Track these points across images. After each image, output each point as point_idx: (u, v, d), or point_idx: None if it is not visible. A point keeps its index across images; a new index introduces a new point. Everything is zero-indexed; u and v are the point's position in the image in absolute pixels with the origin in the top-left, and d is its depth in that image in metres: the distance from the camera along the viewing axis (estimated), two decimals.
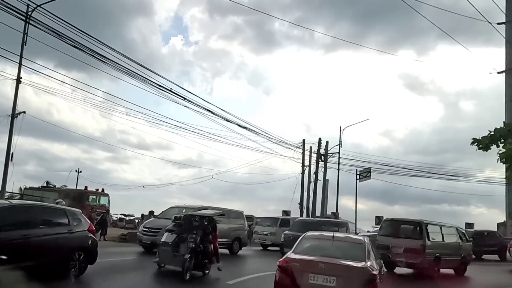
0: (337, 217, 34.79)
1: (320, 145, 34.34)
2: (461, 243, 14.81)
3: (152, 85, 17.19)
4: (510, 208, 34.51)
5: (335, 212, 34.74)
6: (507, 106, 37.22)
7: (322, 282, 6.49)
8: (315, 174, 34.43)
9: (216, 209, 16.71)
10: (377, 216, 34.36)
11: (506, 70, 38.60)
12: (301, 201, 33.97)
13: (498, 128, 10.80)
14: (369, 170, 35.26)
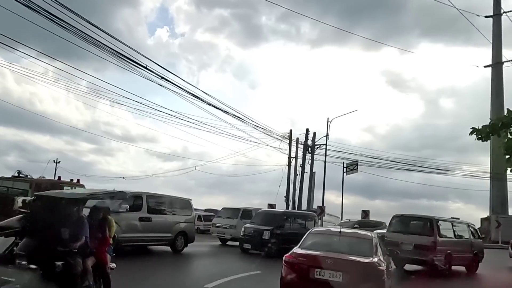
0: (323, 211, 34.87)
1: (308, 136, 33.87)
2: (473, 239, 14.80)
3: (127, 61, 15.64)
4: (494, 203, 35.63)
5: (321, 205, 34.80)
6: (493, 99, 38.17)
7: (328, 277, 6.49)
8: (301, 166, 34.17)
9: (161, 198, 14.71)
10: (363, 210, 34.67)
11: (493, 64, 39.70)
12: (287, 194, 33.57)
13: (500, 116, 10.51)
14: (356, 162, 35.26)
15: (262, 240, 15.74)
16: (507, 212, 34.54)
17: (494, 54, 39.51)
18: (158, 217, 13.87)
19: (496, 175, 35.35)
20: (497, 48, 39.64)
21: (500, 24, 40.28)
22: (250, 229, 16.52)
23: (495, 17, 40.36)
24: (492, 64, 39.20)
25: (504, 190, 35.93)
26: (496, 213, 33.70)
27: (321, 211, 34.58)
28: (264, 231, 16.02)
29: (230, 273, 10.56)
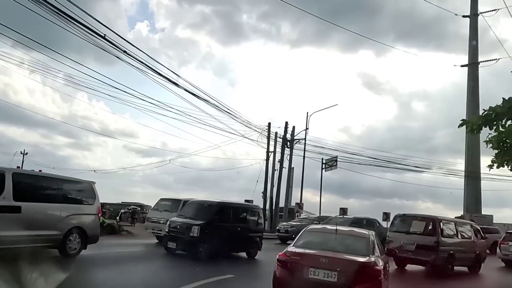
0: (301, 208, 34.97)
1: (287, 130, 33.61)
2: (475, 240, 14.95)
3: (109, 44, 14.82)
4: (468, 202, 36.88)
5: (299, 202, 34.83)
6: (469, 98, 39.32)
7: (323, 277, 6.39)
8: (280, 161, 33.96)
9: (40, 178, 10.68)
10: (341, 208, 35.07)
11: (469, 63, 40.96)
12: (265, 190, 33.25)
13: (494, 106, 9.94)
14: (335, 159, 35.56)
15: (190, 238, 12.52)
16: (481, 211, 35.86)
17: (471, 54, 40.71)
18: (34, 207, 9.69)
19: (470, 174, 36.66)
20: (473, 48, 40.92)
21: (476, 24, 41.53)
22: (176, 223, 13.33)
23: (471, 17, 41.61)
24: (468, 63, 40.38)
25: (478, 189, 37.26)
26: (470, 212, 34.87)
27: (299, 208, 34.83)
28: (192, 226, 12.71)
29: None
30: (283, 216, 33.18)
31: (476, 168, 36.95)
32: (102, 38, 14.44)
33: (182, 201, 16.85)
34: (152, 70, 17.42)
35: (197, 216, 13.37)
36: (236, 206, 15.23)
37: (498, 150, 10.31)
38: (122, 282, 8.70)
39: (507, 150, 10.17)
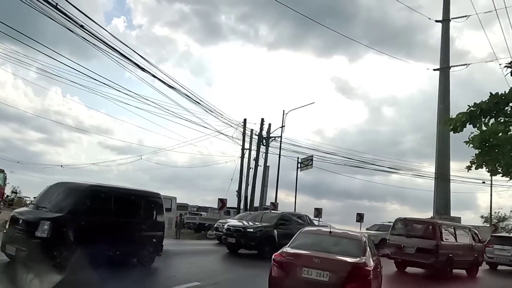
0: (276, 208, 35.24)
1: (263, 126, 33.31)
2: (473, 244, 15.71)
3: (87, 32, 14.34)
4: (438, 204, 38.63)
5: (274, 202, 35.14)
6: (440, 102, 41.04)
7: (316, 276, 6.84)
8: (255, 159, 34.02)
9: None
10: (316, 208, 35.80)
11: (441, 68, 42.85)
12: (239, 189, 33.02)
13: (479, 102, 9.74)
14: (311, 158, 36.11)
15: (36, 239, 8.35)
16: (450, 213, 37.69)
17: (442, 58, 42.55)
18: None
19: (441, 176, 38.44)
20: (445, 53, 42.79)
21: (448, 29, 43.38)
22: (21, 217, 9.14)
23: (444, 22, 43.42)
24: (440, 67, 42.22)
25: (447, 191, 39.09)
26: (440, 214, 36.56)
27: (274, 208, 35.05)
28: (40, 221, 8.51)
29: None
30: None
31: (446, 171, 38.82)
32: (80, 27, 14.04)
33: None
34: (131, 62, 17.09)
35: (54, 206, 9.15)
36: (120, 192, 10.79)
37: (479, 150, 10.42)
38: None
39: (488, 150, 10.25)
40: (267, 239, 15.63)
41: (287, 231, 15.35)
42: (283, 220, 16.91)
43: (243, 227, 16.28)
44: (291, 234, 14.14)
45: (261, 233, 15.85)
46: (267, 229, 16.07)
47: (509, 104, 9.64)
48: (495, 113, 9.77)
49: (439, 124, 11.60)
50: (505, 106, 9.67)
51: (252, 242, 15.67)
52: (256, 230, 16.00)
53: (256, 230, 16.00)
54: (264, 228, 16.12)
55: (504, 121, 9.98)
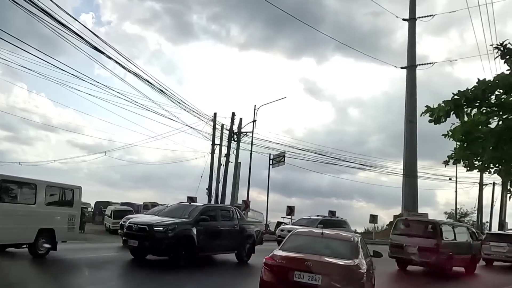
0: (248, 206, 35.37)
1: (233, 121, 32.89)
2: (472, 242, 16.60)
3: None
4: (406, 201, 40.37)
5: (246, 200, 35.23)
6: (407, 100, 42.78)
7: (307, 280, 6.87)
8: (226, 156, 33.80)
9: None
10: (289, 206, 36.31)
11: (408, 66, 44.64)
12: (209, 187, 32.68)
13: (463, 90, 9.55)
14: (283, 154, 36.49)
15: None
16: (417, 210, 39.52)
17: (409, 57, 44.29)
18: None
19: (409, 173, 40.17)
20: (411, 51, 44.63)
21: (414, 28, 45.17)
22: None
23: (410, 21, 45.21)
24: (407, 66, 43.95)
25: (415, 188, 40.94)
26: (408, 210, 38.27)
27: (246, 206, 35.08)
28: None
29: None
30: None
31: (413, 168, 40.65)
32: (49, 16, 13.71)
33: None
34: (104, 55, 16.62)
35: None
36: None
37: (459, 143, 10.42)
38: None
39: (470, 143, 10.16)
40: (182, 241, 12.29)
41: (212, 228, 13.20)
42: (205, 215, 13.24)
43: (149, 225, 12.31)
44: (216, 233, 13.42)
45: (174, 232, 12.12)
46: (183, 227, 12.47)
47: (495, 92, 9.57)
48: (479, 103, 9.68)
49: (421, 115, 10.72)
50: (491, 94, 9.59)
51: (161, 245, 12.05)
52: (166, 228, 12.11)
53: (166, 228, 12.11)
54: (178, 225, 12.39)
55: (487, 112, 9.94)
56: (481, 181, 42.29)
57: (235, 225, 14.33)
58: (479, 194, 43.03)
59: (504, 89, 9.31)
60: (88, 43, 15.65)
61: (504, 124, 9.60)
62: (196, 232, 12.54)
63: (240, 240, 14.32)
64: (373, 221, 35.49)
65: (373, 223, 36.06)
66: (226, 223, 13.98)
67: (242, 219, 15.54)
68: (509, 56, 9.10)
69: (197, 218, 12.85)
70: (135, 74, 18.96)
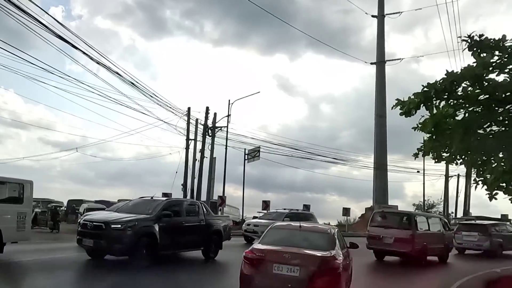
0: (224, 201, 35.65)
1: (208, 116, 32.89)
2: (444, 232, 17.54)
3: None
4: (377, 195, 41.65)
5: (222, 196, 35.48)
6: (377, 95, 44.06)
7: (286, 272, 7.20)
8: (201, 151, 33.82)
9: None
10: (264, 201, 36.80)
11: (377, 62, 45.89)
12: (185, 182, 32.56)
13: (432, 82, 9.56)
14: (258, 149, 36.84)
15: None
16: (388, 202, 40.89)
17: (378, 53, 45.59)
18: None
19: (379, 166, 41.45)
20: (380, 47, 45.94)
21: (383, 24, 46.54)
22: None
23: (379, 17, 46.52)
24: (376, 62, 45.20)
25: (385, 181, 42.28)
26: (379, 203, 39.55)
27: (222, 202, 35.30)
28: None
29: None
30: None
31: (384, 161, 41.97)
32: (17, 8, 13.51)
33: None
34: (76, 49, 16.58)
35: None
36: None
37: (428, 136, 10.59)
38: None
39: (438, 135, 10.36)
40: (143, 239, 11.47)
41: (176, 224, 12.60)
42: (169, 210, 12.53)
43: (105, 222, 11.35)
44: (180, 229, 12.82)
45: (134, 229, 11.30)
46: (144, 224, 11.67)
47: (462, 84, 9.71)
48: (447, 95, 9.82)
49: (392, 108, 10.93)
50: (459, 87, 9.72)
51: (119, 244, 11.05)
52: (125, 225, 11.24)
53: (125, 225, 11.24)
54: (138, 222, 11.55)
55: (454, 104, 10.18)
56: (447, 173, 43.95)
57: (201, 221, 13.68)
58: (445, 185, 44.72)
59: (471, 81, 9.54)
60: (59, 37, 15.60)
61: (469, 116, 9.99)
62: (158, 229, 11.75)
63: (207, 236, 13.71)
64: (346, 214, 36.49)
65: (346, 216, 37.04)
66: (191, 218, 13.36)
67: (209, 214, 14.81)
68: (476, 48, 9.37)
69: (159, 214, 12.08)
70: (104, 66, 18.82)
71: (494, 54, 9.28)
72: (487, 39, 9.27)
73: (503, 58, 9.26)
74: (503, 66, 9.33)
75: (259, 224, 20.28)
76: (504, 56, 9.20)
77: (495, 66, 9.32)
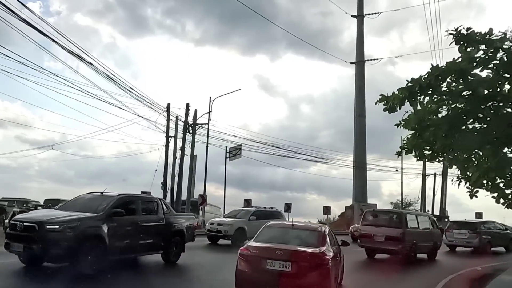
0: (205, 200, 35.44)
1: (188, 112, 32.25)
2: (432, 230, 18.21)
3: None
4: (356, 193, 42.47)
5: (203, 194, 35.37)
6: (356, 94, 44.91)
7: (279, 267, 7.79)
8: (181, 148, 33.57)
9: None
10: (246, 199, 36.96)
11: (357, 61, 46.71)
12: (164, 180, 32.10)
13: (417, 78, 9.57)
14: (240, 147, 36.87)
15: None
16: (367, 201, 41.77)
17: (358, 52, 46.43)
18: None
19: (358, 165, 42.25)
20: (360, 47, 46.78)
21: (362, 24, 47.43)
22: None
23: (358, 17, 47.39)
24: (356, 61, 46.04)
25: (364, 180, 43.11)
26: (358, 202, 40.40)
27: (203, 201, 35.11)
28: None
29: None
30: (186, 209, 33.12)
31: (363, 160, 42.82)
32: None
33: None
34: (57, 44, 16.68)
35: None
36: None
37: (412, 133, 10.72)
38: None
39: (422, 132, 10.46)
40: (87, 242, 9.69)
41: (129, 224, 10.97)
42: (122, 208, 10.75)
43: (39, 222, 9.44)
44: (135, 230, 11.08)
45: (76, 231, 9.50)
46: (89, 224, 9.91)
47: (447, 79, 9.82)
48: (431, 91, 9.96)
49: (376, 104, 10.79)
50: (443, 82, 9.83)
51: (57, 249, 9.25)
52: (64, 226, 9.41)
53: (64, 226, 9.41)
54: (82, 222, 9.76)
55: (437, 100, 10.36)
56: (424, 171, 45.23)
57: (160, 220, 12.06)
58: (422, 184, 46.01)
59: (455, 75, 9.64)
60: (38, 31, 15.53)
61: (453, 112, 10.22)
62: (107, 230, 10.02)
63: (167, 237, 12.18)
64: (327, 212, 37.05)
65: (326, 215, 37.63)
66: (148, 217, 11.79)
67: (170, 212, 13.06)
68: (463, 42, 9.49)
69: (108, 212, 10.31)
70: (77, 55, 18.70)
71: (480, 48, 9.43)
72: (474, 33, 9.42)
73: (488, 53, 9.35)
74: (487, 61, 9.44)
75: (223, 223, 19.64)
76: (490, 50, 9.30)
77: (479, 61, 9.47)
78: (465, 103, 10.06)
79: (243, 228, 19.00)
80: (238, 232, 18.75)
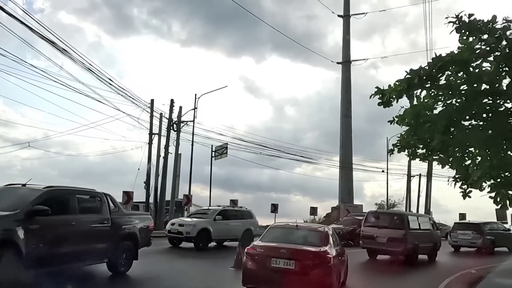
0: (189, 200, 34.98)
1: (173, 109, 31.18)
2: (433, 231, 18.56)
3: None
4: (342, 194, 42.76)
5: (187, 194, 34.90)
6: (342, 95, 45.29)
7: (283, 265, 8.35)
8: (165, 147, 32.96)
9: None
10: (232, 200, 36.78)
11: (343, 61, 47.08)
12: (148, 179, 31.37)
13: (416, 69, 9.20)
14: (226, 146, 36.52)
15: None
16: (353, 201, 42.10)
17: (344, 53, 46.85)
18: None
19: (345, 165, 42.58)
20: (346, 47, 47.19)
21: (349, 25, 47.88)
22: None
23: (345, 18, 47.82)
24: (342, 61, 46.42)
25: (350, 180, 43.49)
26: (344, 202, 40.68)
27: (188, 201, 34.60)
28: None
29: None
30: (170, 210, 32.64)
31: (349, 160, 43.17)
32: None
33: None
34: (43, 38, 16.35)
35: None
36: None
37: (407, 129, 10.33)
38: None
39: (417, 128, 10.06)
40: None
41: (60, 226, 8.79)
42: (49, 205, 8.39)
43: None
44: (68, 234, 8.86)
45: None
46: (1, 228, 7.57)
47: (447, 71, 9.46)
48: (430, 84, 9.51)
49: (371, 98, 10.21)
50: (443, 75, 9.45)
51: None
52: None
53: None
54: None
55: (434, 95, 10.00)
56: (409, 172, 45.77)
57: (104, 220, 9.87)
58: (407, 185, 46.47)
59: (458, 66, 9.19)
60: (24, 24, 15.07)
61: (449, 108, 9.84)
62: (24, 234, 7.78)
63: (114, 242, 10.06)
64: (313, 213, 37.30)
65: (313, 215, 37.82)
66: (88, 217, 9.58)
67: (119, 210, 10.71)
68: (465, 30, 9.04)
69: (29, 210, 8.07)
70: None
71: (482, 38, 9.02)
72: (476, 20, 8.99)
73: (491, 44, 8.93)
74: (488, 52, 9.11)
75: (184, 223, 17.92)
76: (491, 41, 8.89)
77: (478, 53, 9.14)
78: (463, 98, 9.72)
79: (207, 229, 17.55)
80: (201, 234, 17.31)
